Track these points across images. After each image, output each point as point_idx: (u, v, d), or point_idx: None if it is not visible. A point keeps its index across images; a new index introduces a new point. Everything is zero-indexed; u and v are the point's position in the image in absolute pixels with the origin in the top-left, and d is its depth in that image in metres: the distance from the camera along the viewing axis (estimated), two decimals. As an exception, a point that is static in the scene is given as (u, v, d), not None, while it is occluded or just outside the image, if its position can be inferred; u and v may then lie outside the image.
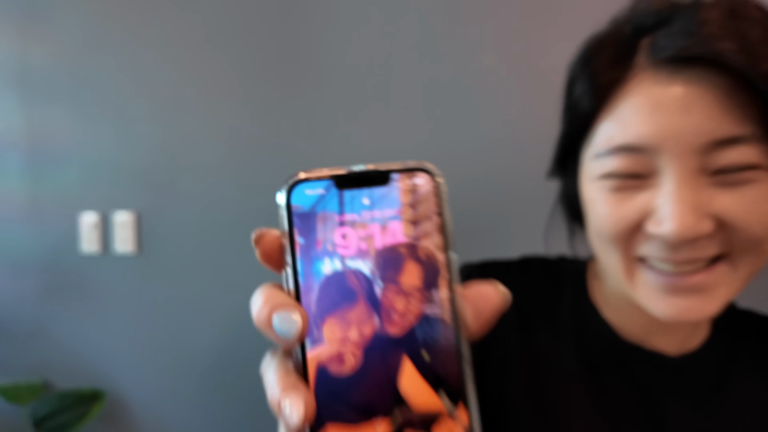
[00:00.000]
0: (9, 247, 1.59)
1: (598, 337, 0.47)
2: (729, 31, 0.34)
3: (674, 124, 0.35)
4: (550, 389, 0.47)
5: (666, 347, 0.46)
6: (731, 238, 0.37)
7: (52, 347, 1.54)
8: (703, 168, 0.36)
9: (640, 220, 0.38)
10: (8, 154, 1.58)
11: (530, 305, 0.49)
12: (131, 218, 1.39)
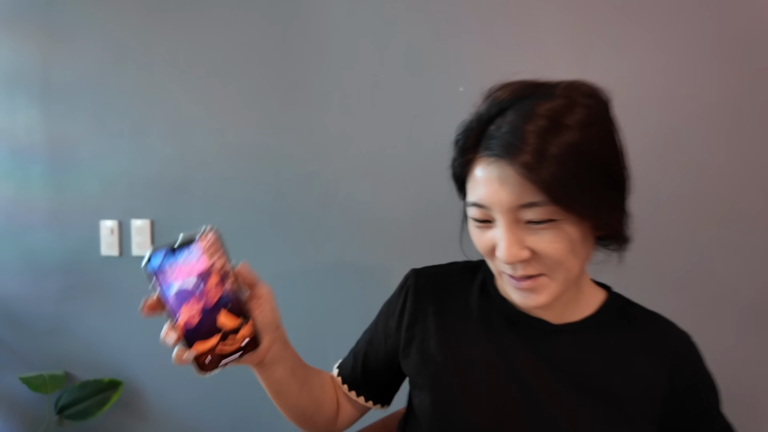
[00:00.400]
0: (33, 251, 1.74)
1: (498, 307, 0.65)
2: (533, 142, 0.49)
3: (496, 193, 0.53)
4: (460, 345, 0.64)
5: (548, 318, 0.63)
6: (542, 261, 0.54)
7: (72, 342, 1.68)
8: (518, 219, 0.53)
9: (492, 245, 0.56)
10: (33, 165, 1.73)
11: (446, 294, 0.68)
12: (146, 225, 1.54)
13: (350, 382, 0.73)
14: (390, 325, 0.71)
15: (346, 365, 0.75)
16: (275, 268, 1.39)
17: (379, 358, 0.72)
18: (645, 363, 0.61)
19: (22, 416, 1.76)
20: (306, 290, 1.35)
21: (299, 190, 1.35)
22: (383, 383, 0.73)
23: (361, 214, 1.29)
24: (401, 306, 0.70)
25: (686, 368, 0.61)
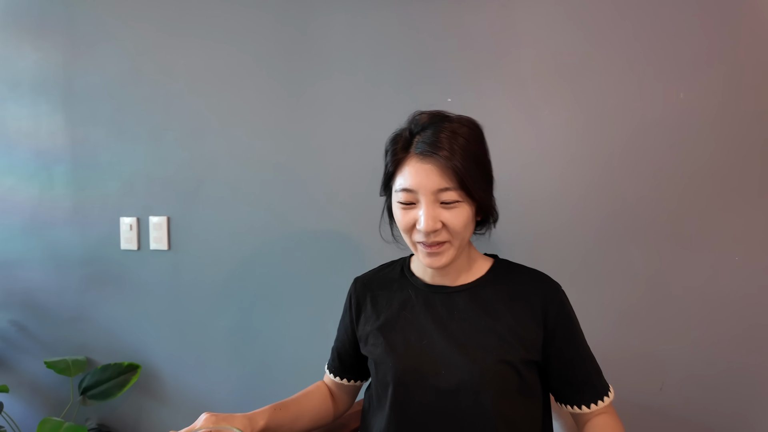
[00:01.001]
0: (57, 247, 1.87)
1: (410, 283, 0.89)
2: (447, 144, 0.74)
3: (424, 180, 0.75)
4: (387, 318, 0.87)
5: (447, 283, 0.86)
6: (448, 231, 0.77)
7: (93, 329, 1.82)
8: (437, 200, 0.76)
9: (414, 222, 0.78)
10: (56, 167, 1.87)
11: (377, 286, 0.92)
12: (163, 221, 1.68)
13: (334, 371, 0.98)
14: (346, 322, 0.95)
15: (329, 361, 1.01)
16: (281, 264, 1.53)
17: (347, 347, 0.95)
18: (523, 304, 0.81)
19: (48, 397, 1.89)
20: (309, 286, 1.49)
21: (303, 191, 1.49)
22: (356, 365, 0.96)
23: (359, 214, 1.42)
24: (348, 307, 0.95)
25: (553, 307, 0.80)
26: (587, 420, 0.81)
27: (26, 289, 1.94)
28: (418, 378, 0.79)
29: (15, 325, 1.97)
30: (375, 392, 0.87)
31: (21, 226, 1.94)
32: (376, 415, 0.85)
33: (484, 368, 0.76)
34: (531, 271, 0.87)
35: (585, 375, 0.81)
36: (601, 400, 0.80)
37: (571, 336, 0.81)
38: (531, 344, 0.79)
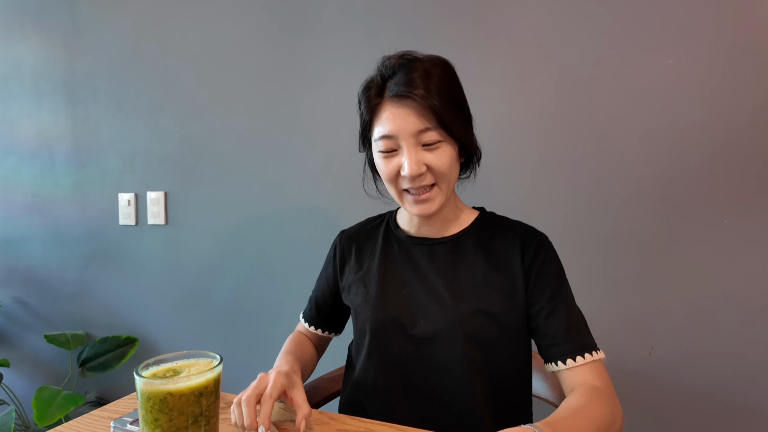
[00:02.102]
0: (58, 224, 1.90)
1: (394, 235, 0.88)
2: (421, 83, 0.72)
3: (402, 123, 0.73)
4: (370, 269, 0.87)
5: (431, 234, 0.85)
6: (434, 173, 0.75)
7: (93, 304, 1.84)
8: (418, 143, 0.74)
9: (398, 169, 0.75)
10: (57, 146, 1.90)
11: (362, 239, 0.92)
12: (161, 196, 1.70)
13: (310, 321, 0.98)
14: (329, 273, 0.95)
15: (305, 311, 1.00)
16: (277, 237, 1.54)
17: (327, 297, 0.95)
18: (504, 253, 0.80)
19: (49, 371, 1.93)
20: (305, 258, 1.51)
21: (298, 164, 1.51)
22: (332, 316, 0.97)
23: (353, 185, 1.44)
24: (332, 257, 0.95)
25: (532, 250, 0.79)
26: (573, 386, 0.71)
27: (28, 267, 1.97)
28: (396, 326, 0.79)
29: (17, 302, 2.00)
30: (355, 342, 0.89)
31: (23, 205, 1.98)
32: (356, 364, 0.86)
33: (459, 318, 0.76)
34: (515, 223, 0.85)
35: (565, 326, 0.74)
36: (581, 356, 0.71)
37: (551, 283, 0.77)
38: (512, 293, 0.77)
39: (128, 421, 0.70)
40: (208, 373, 0.51)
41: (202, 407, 0.50)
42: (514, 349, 0.79)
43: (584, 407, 0.63)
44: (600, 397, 0.66)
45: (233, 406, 0.67)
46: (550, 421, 0.57)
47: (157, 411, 0.49)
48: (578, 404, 0.64)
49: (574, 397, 0.66)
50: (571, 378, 0.72)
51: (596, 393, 0.67)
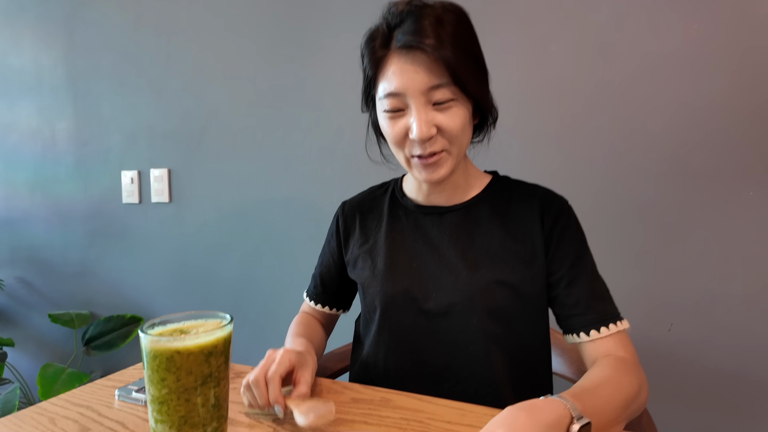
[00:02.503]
0: (61, 203, 1.87)
1: (401, 204, 0.82)
2: (432, 32, 0.63)
3: (411, 79, 0.65)
4: (377, 241, 0.81)
5: (440, 202, 0.78)
6: (445, 137, 0.68)
7: (97, 283, 1.82)
8: (428, 101, 0.66)
9: (405, 132, 0.68)
10: (59, 122, 1.86)
11: (366, 210, 0.85)
12: (164, 173, 1.66)
13: (315, 299, 0.92)
14: (333, 246, 0.89)
15: (309, 289, 0.94)
16: (284, 213, 1.51)
17: (332, 272, 0.89)
18: (522, 220, 0.75)
19: (54, 350, 1.91)
20: (313, 235, 1.47)
21: (304, 138, 1.46)
22: (339, 292, 0.91)
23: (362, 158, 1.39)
24: (336, 230, 0.88)
25: (552, 215, 0.73)
26: (596, 358, 0.67)
27: (31, 246, 1.95)
28: (407, 301, 0.74)
29: (21, 281, 1.98)
30: (363, 318, 0.84)
31: (25, 183, 1.95)
32: (364, 341, 0.82)
33: (475, 290, 0.71)
34: (532, 186, 0.78)
35: (588, 295, 0.70)
36: (605, 327, 0.67)
37: (573, 250, 0.72)
38: (532, 261, 0.72)
39: (133, 389, 0.67)
40: (218, 332, 0.48)
41: (211, 367, 0.47)
42: (535, 320, 0.75)
43: (610, 378, 0.59)
44: (626, 369, 0.62)
45: (243, 389, 0.61)
46: (575, 393, 0.52)
47: (163, 370, 0.45)
48: (604, 375, 0.60)
49: (599, 369, 0.62)
50: (594, 350, 0.68)
51: (622, 364, 0.63)
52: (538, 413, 0.45)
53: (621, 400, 0.56)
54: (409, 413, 0.60)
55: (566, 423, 0.46)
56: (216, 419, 0.48)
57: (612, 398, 0.55)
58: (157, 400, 0.46)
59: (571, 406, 0.47)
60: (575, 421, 0.46)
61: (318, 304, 0.91)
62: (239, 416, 0.60)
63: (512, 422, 0.43)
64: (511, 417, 0.44)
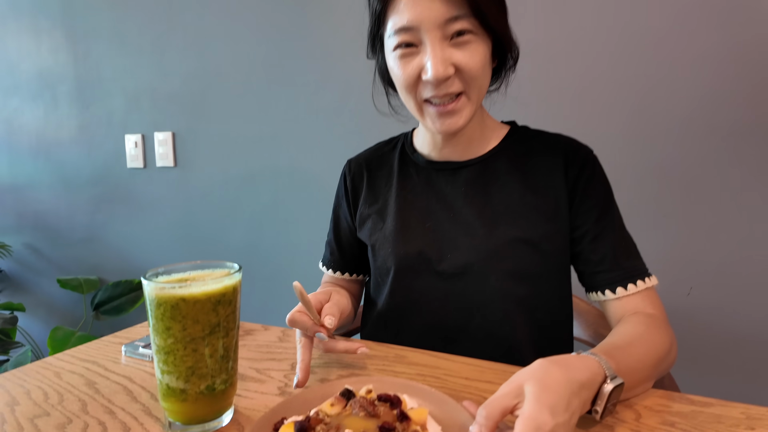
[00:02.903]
0: (65, 168, 1.85)
1: (412, 161, 0.77)
2: None
3: (427, 9, 0.59)
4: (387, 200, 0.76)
5: (454, 157, 0.73)
6: (463, 77, 0.62)
7: (104, 250, 1.81)
8: (445, 36, 0.60)
9: (418, 73, 0.62)
10: (60, 86, 1.82)
11: (374, 167, 0.80)
12: (168, 137, 1.62)
13: (333, 266, 0.85)
14: (344, 208, 0.83)
15: (325, 258, 0.87)
16: (291, 177, 1.47)
17: (348, 235, 0.83)
18: (544, 171, 0.69)
19: (64, 315, 1.92)
20: (321, 198, 1.44)
21: (312, 98, 1.41)
22: (358, 256, 0.84)
23: (371, 118, 1.35)
24: (344, 191, 0.83)
25: (577, 166, 0.68)
26: (622, 317, 0.64)
27: (37, 212, 1.94)
28: (421, 263, 0.70)
29: (29, 248, 1.98)
30: (374, 280, 0.79)
31: (28, 149, 1.92)
32: (377, 303, 0.78)
33: (494, 249, 0.67)
34: (554, 136, 0.73)
35: (614, 251, 0.66)
36: (633, 284, 0.63)
37: (599, 203, 0.68)
38: (555, 216, 0.67)
39: (140, 345, 0.65)
40: (226, 280, 0.45)
41: (219, 317, 0.44)
42: (557, 279, 0.71)
43: (643, 336, 0.56)
44: (657, 326, 0.59)
45: (290, 322, 0.58)
46: (608, 350, 0.49)
47: (168, 319, 0.43)
48: (636, 332, 0.56)
49: (630, 325, 0.59)
50: (621, 308, 0.65)
51: (653, 321, 0.60)
52: (571, 370, 0.41)
53: (653, 359, 0.53)
54: (425, 369, 0.58)
55: (599, 382, 0.43)
56: (225, 371, 0.46)
57: (645, 356, 0.52)
58: (162, 350, 0.44)
59: (606, 364, 0.44)
60: (608, 381, 0.43)
61: (337, 271, 0.84)
62: (249, 371, 0.58)
63: (543, 376, 0.40)
64: (542, 370, 0.41)
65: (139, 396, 0.53)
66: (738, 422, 0.45)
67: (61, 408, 0.50)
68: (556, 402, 0.38)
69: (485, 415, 0.39)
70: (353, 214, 0.81)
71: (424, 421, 0.40)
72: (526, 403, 0.38)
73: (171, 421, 0.46)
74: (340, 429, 0.37)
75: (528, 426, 0.36)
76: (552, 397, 0.38)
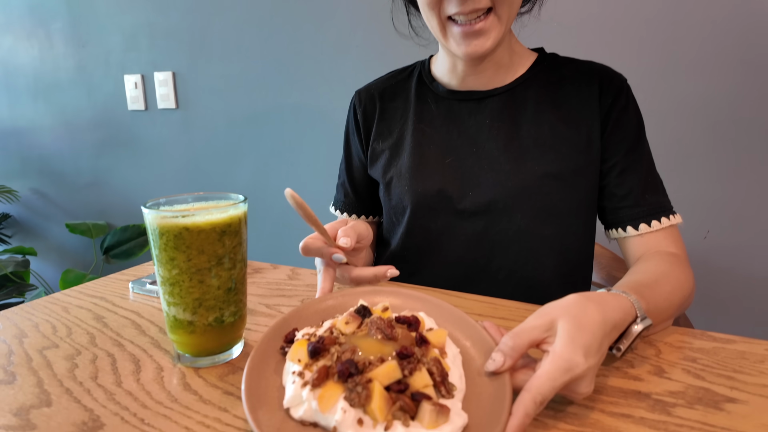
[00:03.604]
0: (65, 111, 1.80)
1: (430, 90, 0.71)
2: None
3: None
4: (402, 134, 0.71)
5: (479, 86, 0.68)
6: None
7: (110, 194, 1.80)
8: None
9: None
10: (53, 22, 1.73)
11: (387, 98, 0.74)
12: (169, 77, 1.56)
13: (349, 209, 0.80)
14: (355, 144, 0.78)
15: (337, 200, 0.82)
16: (297, 118, 1.42)
17: (361, 174, 0.78)
18: (576, 97, 0.64)
19: (74, 258, 1.95)
20: (329, 138, 1.40)
21: (316, 33, 1.34)
22: (373, 196, 0.79)
23: (379, 54, 1.28)
24: (354, 125, 0.77)
25: (612, 94, 0.63)
26: (640, 255, 0.61)
27: (41, 156, 1.91)
28: (440, 201, 0.66)
29: (36, 193, 1.97)
30: (388, 219, 0.75)
31: (26, 90, 1.87)
32: (390, 243, 0.75)
33: (520, 186, 0.63)
34: (587, 63, 0.67)
35: (641, 186, 0.63)
36: (657, 221, 0.61)
37: (630, 135, 0.64)
38: (587, 148, 0.63)
39: (147, 281, 0.64)
40: (231, 209, 0.43)
41: (225, 248, 0.42)
42: (586, 216, 0.66)
43: (668, 274, 0.53)
44: (680, 264, 0.56)
45: (303, 249, 0.52)
46: (637, 289, 0.46)
47: (172, 249, 0.41)
48: (660, 270, 0.54)
49: (653, 263, 0.56)
50: (643, 245, 0.62)
51: (676, 259, 0.57)
52: (607, 309, 0.39)
53: (678, 298, 0.51)
54: (438, 307, 0.57)
55: (629, 322, 0.41)
56: (233, 303, 0.44)
57: (671, 295, 0.50)
58: (167, 281, 0.42)
59: (638, 304, 0.42)
60: (638, 322, 0.41)
61: (352, 214, 0.79)
62: (259, 307, 0.57)
63: (578, 313, 0.37)
64: (577, 307, 0.38)
65: (147, 330, 0.52)
66: (763, 358, 0.44)
67: (69, 341, 0.50)
68: (591, 343, 0.35)
69: (512, 345, 0.36)
70: (365, 150, 0.76)
71: (442, 344, 0.38)
72: (559, 340, 0.35)
73: (180, 353, 0.45)
74: (356, 352, 0.35)
75: (559, 366, 0.34)
76: (587, 338, 0.35)
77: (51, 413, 0.37)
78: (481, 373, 0.37)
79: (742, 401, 0.37)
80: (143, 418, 0.36)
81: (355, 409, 0.32)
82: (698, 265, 1.07)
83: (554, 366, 0.34)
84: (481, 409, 0.34)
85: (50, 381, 0.42)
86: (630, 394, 0.39)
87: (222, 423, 0.36)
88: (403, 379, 0.33)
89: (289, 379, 0.35)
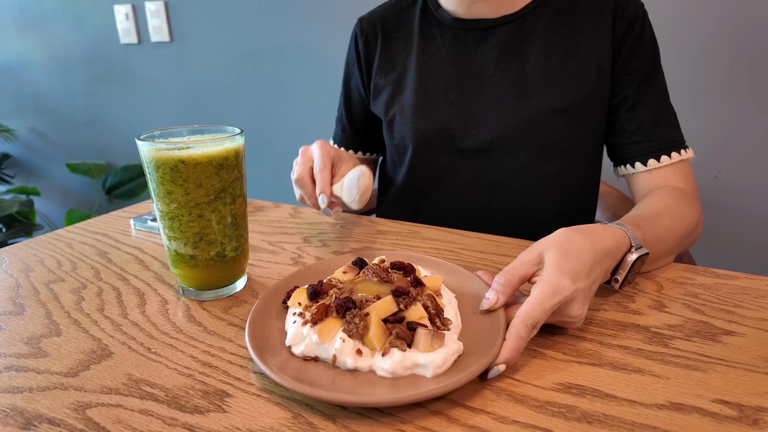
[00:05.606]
0: (55, 45, 1.73)
1: (435, 19, 0.67)
2: None
3: None
4: (406, 67, 0.68)
5: (486, 14, 0.64)
6: None
7: (109, 133, 1.77)
8: None
9: None
10: (34, -53, 1.63)
11: (390, 27, 0.70)
12: (161, 7, 1.48)
13: (346, 144, 0.78)
14: (355, 77, 0.74)
15: (336, 135, 0.80)
16: (296, 52, 1.36)
17: (360, 108, 0.76)
18: (589, 24, 0.61)
19: (78, 198, 1.95)
20: (330, 75, 1.34)
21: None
22: (372, 131, 0.77)
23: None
24: (355, 56, 0.73)
25: (626, 21, 0.60)
26: (649, 191, 0.59)
27: (35, 94, 1.86)
28: (442, 139, 0.65)
29: (33, 132, 1.94)
30: (390, 158, 0.73)
31: (13, 24, 1.78)
32: (392, 181, 0.74)
33: (524, 123, 0.61)
34: None
35: (652, 120, 0.60)
36: (667, 155, 0.59)
37: (643, 65, 0.60)
38: (598, 80, 0.60)
39: (149, 218, 0.64)
40: (228, 142, 0.41)
41: (224, 182, 0.41)
42: (591, 153, 0.65)
43: (671, 208, 0.52)
44: (686, 199, 0.55)
45: (295, 185, 0.54)
46: (634, 221, 0.46)
47: (169, 182, 0.40)
48: (663, 205, 0.53)
49: (657, 198, 0.55)
50: (651, 181, 0.60)
51: (682, 194, 0.56)
52: (596, 238, 0.39)
53: (680, 232, 0.50)
54: (439, 243, 0.57)
55: (623, 251, 0.41)
56: (235, 238, 0.44)
57: (671, 228, 0.49)
58: (166, 215, 0.42)
59: (632, 234, 0.42)
60: (633, 251, 0.41)
61: (350, 149, 0.78)
62: (262, 244, 0.58)
63: (565, 243, 0.38)
64: (564, 238, 0.38)
65: (150, 265, 0.52)
66: (764, 293, 0.44)
67: (74, 275, 0.50)
68: (578, 269, 0.36)
69: (503, 282, 0.37)
70: (366, 84, 0.73)
71: (438, 288, 0.39)
72: (545, 269, 0.36)
73: (184, 287, 0.45)
74: (353, 293, 0.36)
75: (545, 290, 0.34)
76: (573, 264, 0.36)
77: (61, 342, 0.38)
78: (476, 312, 0.38)
79: (739, 334, 0.38)
80: (150, 347, 0.37)
81: (353, 341, 0.33)
82: (708, 205, 1.07)
83: (542, 291, 0.35)
84: (477, 340, 0.34)
85: (58, 312, 0.43)
86: (629, 327, 0.39)
87: (227, 352, 0.37)
88: (399, 313, 0.34)
89: (290, 320, 0.36)
